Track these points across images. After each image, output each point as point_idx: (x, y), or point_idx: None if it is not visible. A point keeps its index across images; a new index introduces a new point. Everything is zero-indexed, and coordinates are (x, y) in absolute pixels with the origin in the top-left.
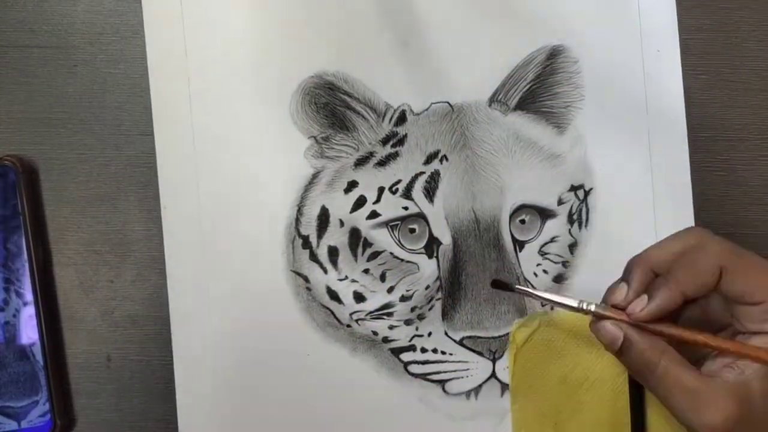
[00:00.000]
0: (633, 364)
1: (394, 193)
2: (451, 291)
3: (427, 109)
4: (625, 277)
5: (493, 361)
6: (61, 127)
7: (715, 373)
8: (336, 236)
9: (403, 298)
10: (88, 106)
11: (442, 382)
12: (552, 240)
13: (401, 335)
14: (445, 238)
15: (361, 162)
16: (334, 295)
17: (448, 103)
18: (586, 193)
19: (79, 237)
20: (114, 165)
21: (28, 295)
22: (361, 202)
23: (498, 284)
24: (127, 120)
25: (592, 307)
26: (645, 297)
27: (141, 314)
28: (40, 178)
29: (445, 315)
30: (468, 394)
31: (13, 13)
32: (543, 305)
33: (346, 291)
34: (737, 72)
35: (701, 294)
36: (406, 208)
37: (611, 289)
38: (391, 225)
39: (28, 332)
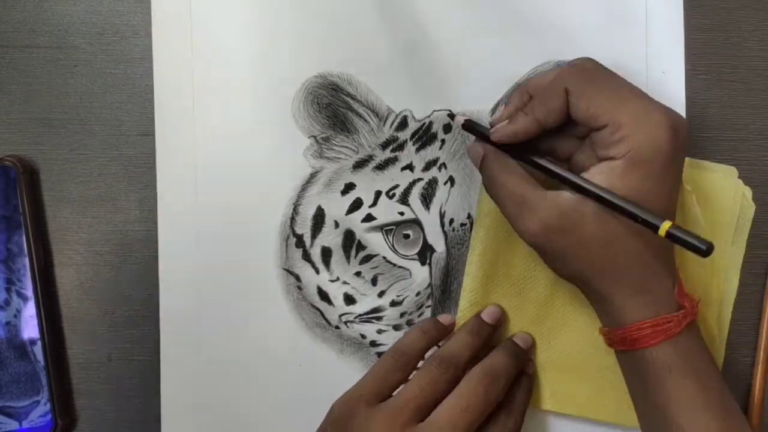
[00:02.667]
0: (484, 178)
1: (391, 197)
2: (442, 299)
3: (429, 116)
4: (508, 100)
5: None
6: (61, 127)
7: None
8: (330, 237)
9: (393, 303)
10: (89, 106)
11: None
12: None
13: (389, 340)
14: (439, 246)
15: (359, 165)
16: (324, 296)
17: (450, 111)
18: None
19: (80, 237)
20: (114, 165)
21: (29, 295)
22: (357, 204)
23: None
24: (127, 120)
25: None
26: (506, 121)
27: (141, 314)
28: (41, 179)
29: None
30: None
31: (13, 13)
32: None
33: (336, 292)
34: (738, 72)
35: (553, 120)
36: (402, 214)
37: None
38: (385, 229)
39: (29, 332)
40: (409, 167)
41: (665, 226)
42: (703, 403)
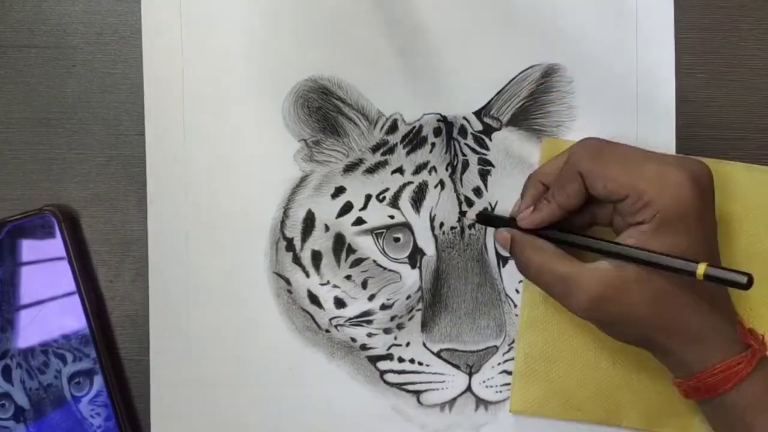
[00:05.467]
0: (518, 263)
1: (381, 201)
2: (432, 302)
3: (419, 119)
4: (522, 192)
5: (470, 375)
6: (59, 127)
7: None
8: (320, 241)
9: (384, 307)
10: (87, 106)
11: (417, 393)
12: None
13: (379, 343)
14: (429, 250)
15: (350, 168)
16: (314, 300)
17: (440, 114)
18: None
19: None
20: (113, 165)
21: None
22: (347, 208)
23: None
24: (125, 120)
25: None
26: (530, 209)
27: (140, 314)
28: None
29: (425, 326)
30: (442, 406)
31: (12, 13)
32: None
33: (327, 296)
34: (736, 71)
35: (575, 203)
36: (392, 217)
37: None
38: (376, 233)
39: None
40: (399, 171)
41: (701, 268)
42: None
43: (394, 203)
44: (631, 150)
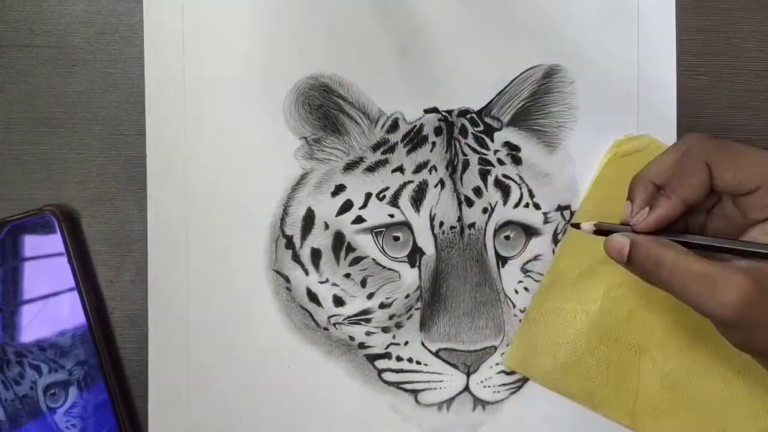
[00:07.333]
0: (642, 266)
1: (381, 199)
2: (431, 302)
3: (420, 119)
4: (630, 196)
5: (468, 374)
6: (60, 126)
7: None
8: (320, 238)
9: (382, 306)
10: (87, 105)
11: (415, 392)
12: (535, 258)
13: (378, 342)
14: (429, 249)
15: (350, 166)
16: (313, 297)
17: (441, 113)
18: (573, 214)
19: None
20: (113, 165)
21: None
22: (347, 206)
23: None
24: (125, 120)
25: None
26: (646, 209)
27: (140, 314)
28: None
29: (423, 325)
30: (440, 405)
31: (13, 12)
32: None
33: (326, 294)
34: (737, 73)
35: (699, 196)
36: (391, 216)
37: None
38: (375, 231)
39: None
40: (400, 169)
41: None
42: None
43: (394, 202)
44: (748, 146)
